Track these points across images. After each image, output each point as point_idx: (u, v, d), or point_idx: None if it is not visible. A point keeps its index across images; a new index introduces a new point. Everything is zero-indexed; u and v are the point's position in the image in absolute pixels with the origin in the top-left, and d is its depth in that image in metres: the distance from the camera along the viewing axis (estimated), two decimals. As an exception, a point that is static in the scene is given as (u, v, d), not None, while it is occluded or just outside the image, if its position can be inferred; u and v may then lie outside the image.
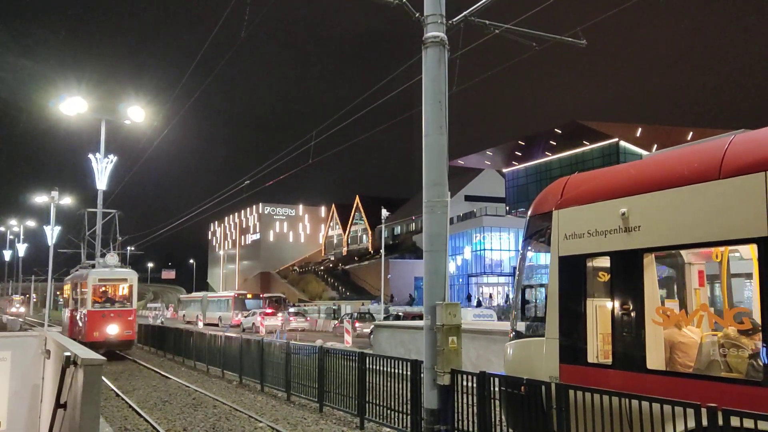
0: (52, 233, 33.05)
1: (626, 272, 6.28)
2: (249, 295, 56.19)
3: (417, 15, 8.81)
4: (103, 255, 28.70)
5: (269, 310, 45.93)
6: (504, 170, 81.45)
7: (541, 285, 7.73)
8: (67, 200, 48.06)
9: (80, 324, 25.20)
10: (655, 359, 5.96)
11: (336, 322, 42.13)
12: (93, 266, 27.09)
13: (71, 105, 28.52)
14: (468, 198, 77.20)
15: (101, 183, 36.87)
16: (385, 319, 35.42)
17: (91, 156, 36.85)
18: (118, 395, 14.86)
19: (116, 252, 28.52)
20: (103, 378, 13.91)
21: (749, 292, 6.53)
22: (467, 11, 9.13)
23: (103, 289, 25.53)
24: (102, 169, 36.58)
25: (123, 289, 26.08)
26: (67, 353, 6.56)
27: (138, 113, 31.23)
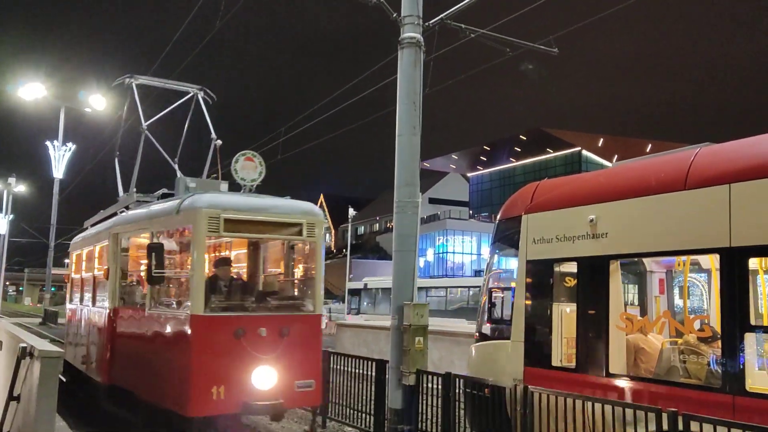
0: (7, 220, 31.83)
1: (592, 278, 6.40)
2: None
3: (395, 15, 8.83)
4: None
5: None
6: (468, 174, 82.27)
7: (508, 288, 7.82)
8: (22, 188, 46.59)
9: (159, 360, 8.08)
10: (617, 364, 6.08)
11: None
12: (160, 196, 9.89)
13: (30, 90, 27.70)
14: (432, 201, 77.60)
15: (58, 171, 35.92)
16: None
17: (48, 143, 35.87)
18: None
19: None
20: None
21: (709, 301, 6.72)
22: (444, 14, 9.20)
23: (229, 253, 9.54)
24: (59, 157, 35.62)
25: (290, 256, 9.13)
26: (23, 344, 6.37)
27: (99, 101, 30.49)
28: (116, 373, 9.18)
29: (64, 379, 11.79)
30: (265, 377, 7.43)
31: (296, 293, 8.89)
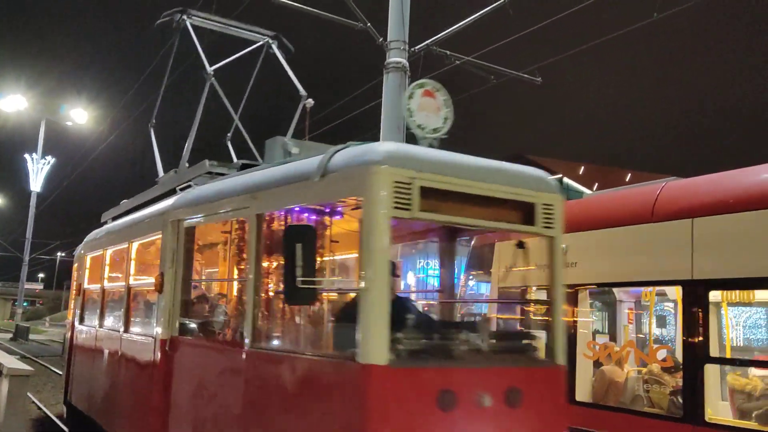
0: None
1: (561, 306, 6.50)
2: None
3: (381, 39, 9.02)
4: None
5: None
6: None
7: (480, 313, 7.92)
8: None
9: None
10: (583, 392, 6.19)
11: None
12: (240, 167, 5.92)
13: (11, 102, 27.58)
14: (414, 223, 77.80)
15: (36, 185, 35.52)
16: None
17: (27, 156, 35.51)
18: (39, 408, 14.19)
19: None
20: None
21: (675, 331, 6.88)
22: (429, 40, 9.43)
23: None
24: (38, 170, 35.25)
25: (475, 260, 7.45)
26: (-8, 362, 6.32)
27: (80, 115, 30.39)
28: None
29: (66, 430, 9.93)
30: None
31: (518, 329, 5.44)
